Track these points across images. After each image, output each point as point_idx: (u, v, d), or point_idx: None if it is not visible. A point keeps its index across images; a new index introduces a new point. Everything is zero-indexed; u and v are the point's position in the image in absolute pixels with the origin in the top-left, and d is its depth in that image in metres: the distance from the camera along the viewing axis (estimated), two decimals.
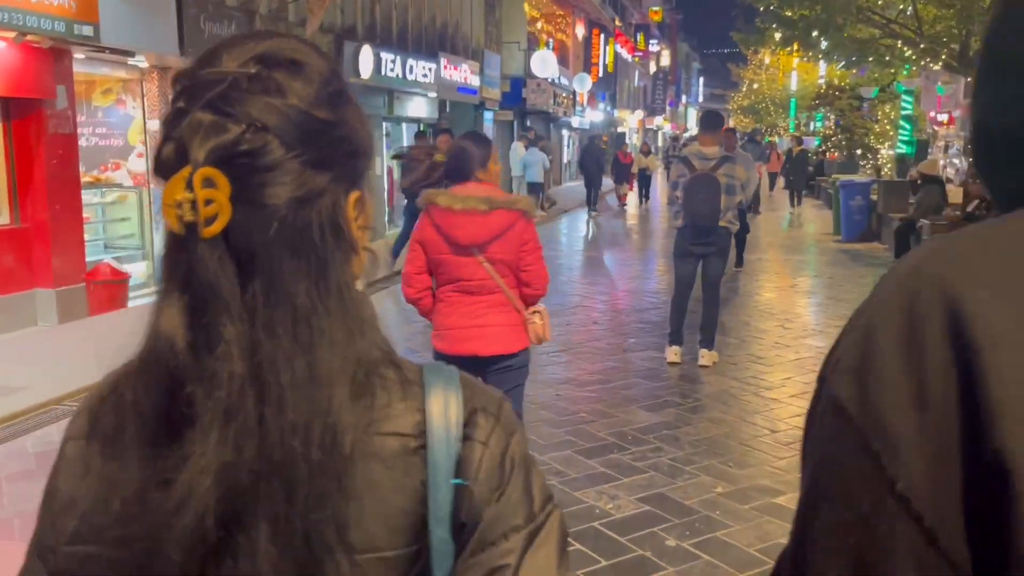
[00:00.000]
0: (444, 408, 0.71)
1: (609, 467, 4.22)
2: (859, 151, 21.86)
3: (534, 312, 3.28)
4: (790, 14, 13.18)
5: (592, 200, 18.49)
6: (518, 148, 18.48)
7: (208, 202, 0.63)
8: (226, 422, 0.63)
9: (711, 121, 6.08)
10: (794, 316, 8.14)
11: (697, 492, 3.92)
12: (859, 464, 0.46)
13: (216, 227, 0.63)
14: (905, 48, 13.79)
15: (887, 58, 14.78)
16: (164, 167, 0.66)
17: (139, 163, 9.18)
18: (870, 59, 15.19)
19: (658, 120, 54.36)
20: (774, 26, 14.65)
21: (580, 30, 30.04)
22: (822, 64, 28.44)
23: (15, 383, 5.27)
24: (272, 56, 0.68)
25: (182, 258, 0.65)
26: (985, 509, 0.42)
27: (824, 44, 14.76)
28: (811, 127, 33.64)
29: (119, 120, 9.19)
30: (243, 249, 0.65)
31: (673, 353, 6.20)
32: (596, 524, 3.57)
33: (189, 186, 0.63)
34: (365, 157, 0.74)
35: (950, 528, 0.43)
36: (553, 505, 0.74)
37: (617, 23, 35.89)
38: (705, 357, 6.12)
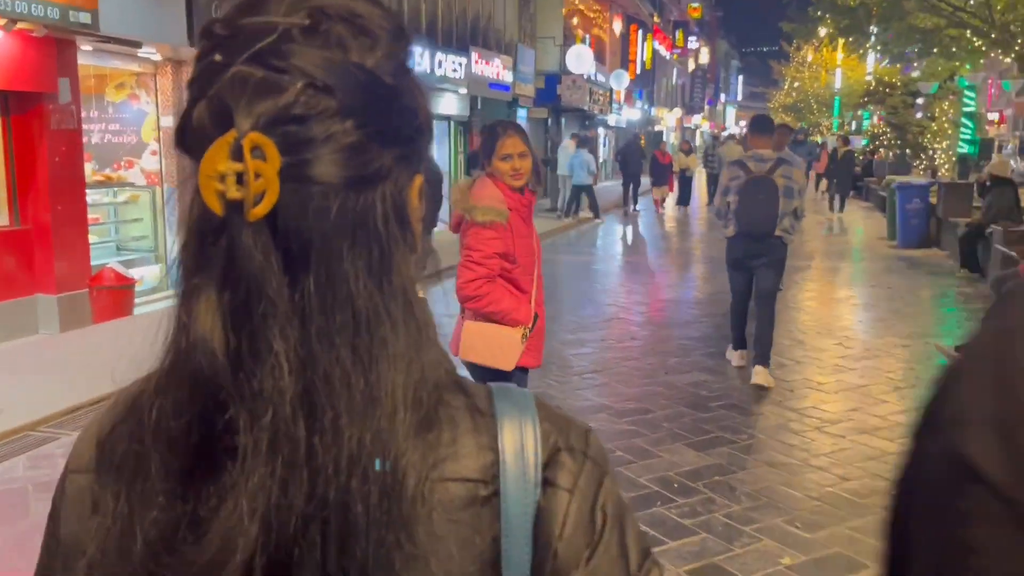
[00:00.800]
0: (519, 445, 0.58)
1: (652, 525, 3.58)
2: (910, 151, 20.74)
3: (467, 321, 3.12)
4: (851, 3, 12.31)
5: (634, 198, 18.64)
6: (568, 146, 17.41)
7: (257, 175, 0.50)
8: (272, 453, 0.52)
9: (762, 124, 5.75)
10: (853, 334, 7.36)
11: (759, 563, 3.25)
12: (1014, 548, 0.33)
13: (264, 207, 0.51)
14: (975, 38, 12.80)
15: (953, 49, 13.77)
16: (195, 132, 0.53)
17: (153, 161, 8.78)
18: (934, 50, 14.22)
19: (696, 119, 53.39)
20: (828, 17, 13.78)
21: (617, 26, 29.32)
22: (870, 60, 27.38)
23: None
24: (330, 7, 0.55)
25: (219, 246, 0.52)
26: None
27: (874, 36, 13.92)
28: (854, 126, 32.53)
29: (132, 116, 8.78)
30: (292, 237, 0.52)
31: (738, 357, 6.04)
32: None
33: (235, 155, 0.50)
34: (429, 137, 0.61)
35: None
36: (652, 563, 0.62)
37: (656, 19, 35.13)
38: (760, 375, 5.59)
